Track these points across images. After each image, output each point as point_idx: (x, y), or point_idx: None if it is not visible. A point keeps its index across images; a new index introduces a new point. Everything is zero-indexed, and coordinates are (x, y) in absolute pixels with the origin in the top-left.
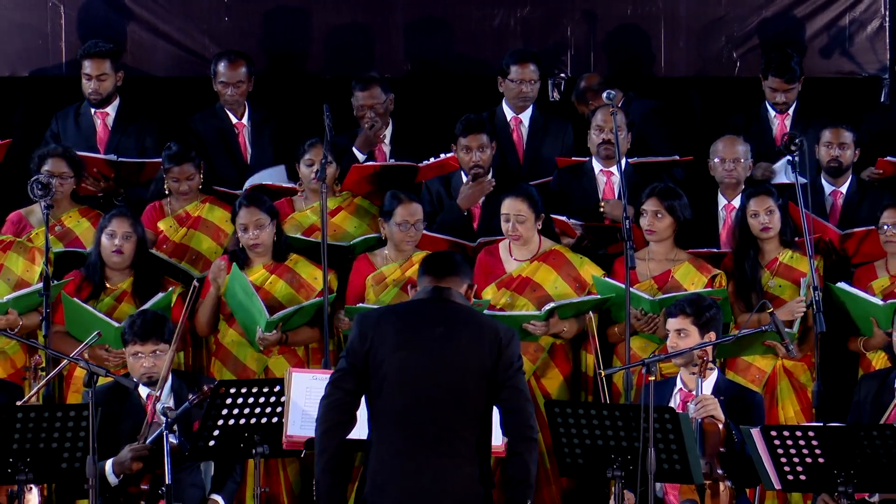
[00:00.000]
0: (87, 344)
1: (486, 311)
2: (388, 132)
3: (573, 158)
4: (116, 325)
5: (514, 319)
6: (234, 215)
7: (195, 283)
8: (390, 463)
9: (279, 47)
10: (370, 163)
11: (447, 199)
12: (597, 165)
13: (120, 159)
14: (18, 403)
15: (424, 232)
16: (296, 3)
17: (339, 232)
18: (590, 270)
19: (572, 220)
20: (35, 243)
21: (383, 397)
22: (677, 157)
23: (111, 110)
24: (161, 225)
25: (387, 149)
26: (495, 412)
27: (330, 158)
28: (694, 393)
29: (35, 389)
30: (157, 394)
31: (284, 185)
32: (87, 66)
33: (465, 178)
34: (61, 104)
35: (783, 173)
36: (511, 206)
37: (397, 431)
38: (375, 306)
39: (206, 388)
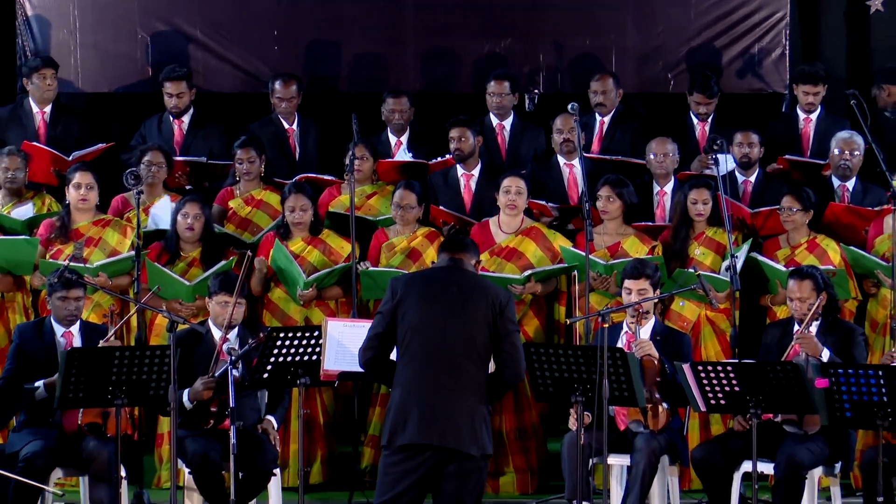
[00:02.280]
0: (150, 294)
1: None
2: (405, 136)
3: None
4: (188, 283)
5: (501, 281)
6: (284, 199)
7: (248, 253)
8: (410, 392)
9: (317, 70)
10: (388, 160)
11: (444, 189)
12: (561, 160)
13: (207, 160)
14: (101, 343)
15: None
16: (330, 36)
17: (372, 210)
18: (560, 243)
19: (550, 204)
20: (132, 221)
21: (407, 341)
22: (643, 162)
23: (186, 119)
24: (232, 204)
25: (404, 149)
26: None
27: (357, 155)
28: (635, 336)
29: (113, 330)
30: (228, 336)
31: (327, 177)
32: (168, 87)
33: (459, 170)
34: (147, 113)
35: (724, 164)
36: (512, 182)
37: (418, 368)
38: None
39: (261, 335)
